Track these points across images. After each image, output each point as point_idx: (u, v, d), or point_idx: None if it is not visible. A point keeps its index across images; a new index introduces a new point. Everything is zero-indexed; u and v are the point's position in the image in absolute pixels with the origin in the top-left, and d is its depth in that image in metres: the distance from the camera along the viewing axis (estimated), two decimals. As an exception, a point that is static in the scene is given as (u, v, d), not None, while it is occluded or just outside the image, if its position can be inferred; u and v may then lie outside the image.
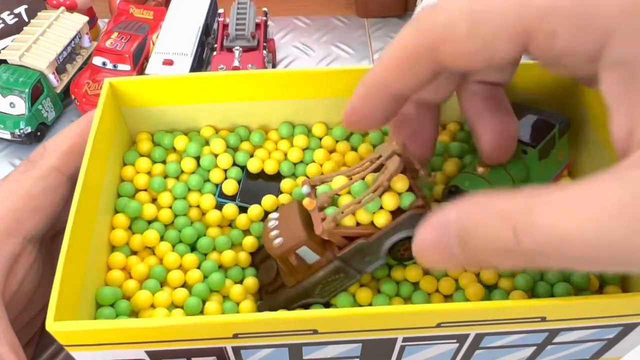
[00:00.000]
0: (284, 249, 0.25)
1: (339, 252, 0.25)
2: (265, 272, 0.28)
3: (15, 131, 0.44)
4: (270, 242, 0.26)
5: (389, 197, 0.25)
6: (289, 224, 0.26)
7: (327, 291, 0.27)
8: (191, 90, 0.31)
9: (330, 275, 0.26)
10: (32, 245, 0.30)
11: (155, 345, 0.23)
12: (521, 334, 0.25)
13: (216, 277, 0.28)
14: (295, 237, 0.25)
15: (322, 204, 0.25)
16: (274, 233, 0.26)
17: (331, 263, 0.25)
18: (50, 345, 0.35)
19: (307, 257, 0.26)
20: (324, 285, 0.26)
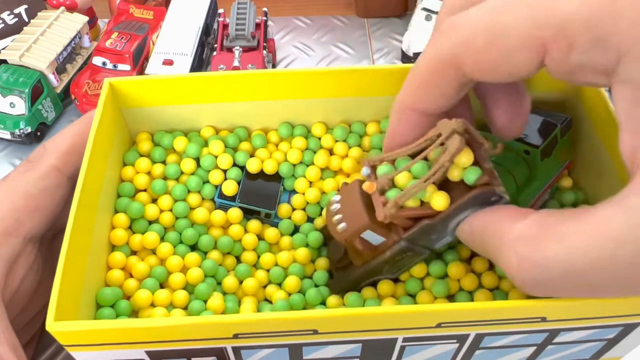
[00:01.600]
0: (348, 233, 0.25)
1: (404, 233, 0.25)
2: (334, 250, 0.28)
3: (15, 131, 0.44)
4: (334, 227, 0.26)
5: (454, 170, 0.23)
6: (351, 208, 0.26)
7: (397, 267, 0.26)
8: (191, 90, 0.31)
9: (397, 255, 0.25)
10: (32, 245, 0.30)
11: (155, 345, 0.23)
12: (521, 334, 0.25)
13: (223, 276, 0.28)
14: (358, 221, 0.25)
15: (382, 186, 0.24)
16: (337, 217, 0.26)
17: (397, 244, 0.25)
18: (50, 345, 0.35)
19: (372, 239, 0.25)
20: (392, 263, 0.26)
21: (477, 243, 0.23)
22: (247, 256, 0.31)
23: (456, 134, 0.23)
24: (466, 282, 0.28)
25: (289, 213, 0.32)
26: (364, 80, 0.31)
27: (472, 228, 0.23)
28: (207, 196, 0.32)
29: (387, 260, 0.26)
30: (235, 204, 0.31)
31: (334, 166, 0.33)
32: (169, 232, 0.30)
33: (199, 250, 0.30)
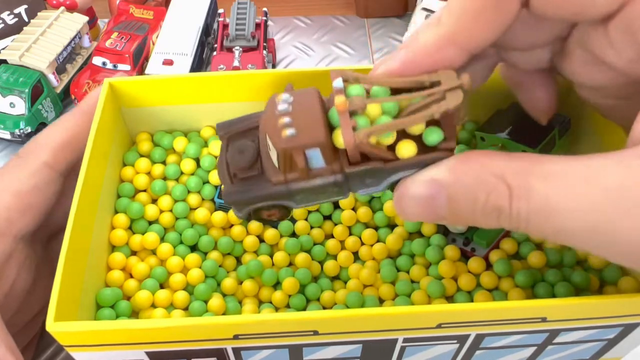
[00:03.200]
0: (294, 144, 0.21)
1: (349, 168, 0.22)
2: (238, 154, 0.23)
3: (15, 131, 0.44)
4: (278, 131, 0.21)
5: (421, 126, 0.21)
6: (306, 116, 0.22)
7: (308, 199, 0.23)
8: (191, 90, 0.31)
9: (325, 186, 0.22)
10: (24, 244, 0.30)
11: (155, 346, 0.23)
12: (522, 335, 0.25)
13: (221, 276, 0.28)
14: (313, 135, 0.21)
15: (355, 108, 0.21)
16: (286, 120, 0.21)
17: (333, 175, 0.22)
18: (50, 345, 0.35)
19: (314, 160, 0.22)
20: (310, 193, 0.23)
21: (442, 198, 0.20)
22: (247, 258, 0.31)
23: (461, 90, 0.21)
24: (463, 282, 0.28)
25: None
26: (364, 80, 0.31)
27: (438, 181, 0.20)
28: (207, 196, 0.32)
29: (312, 188, 0.22)
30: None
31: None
32: (169, 232, 0.30)
33: (198, 251, 0.30)
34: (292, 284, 0.29)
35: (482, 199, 0.19)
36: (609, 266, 0.28)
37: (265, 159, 0.23)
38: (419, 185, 0.20)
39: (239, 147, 0.23)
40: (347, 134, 0.20)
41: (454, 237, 0.30)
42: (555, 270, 0.28)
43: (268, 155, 0.23)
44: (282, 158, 0.21)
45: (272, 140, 0.21)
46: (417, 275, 0.29)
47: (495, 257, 0.29)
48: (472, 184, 0.19)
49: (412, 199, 0.21)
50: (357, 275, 0.29)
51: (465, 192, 0.19)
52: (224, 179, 0.24)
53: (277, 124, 0.21)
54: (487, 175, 0.19)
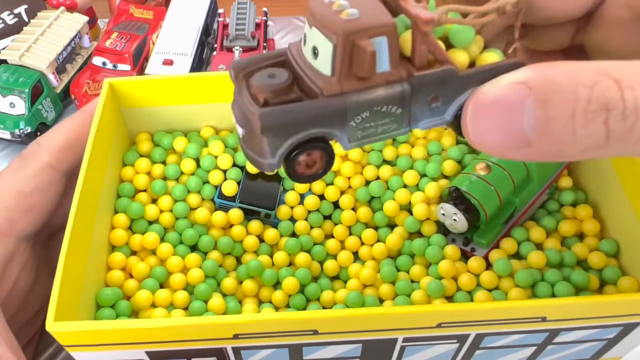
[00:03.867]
0: (359, 26, 0.17)
1: (417, 72, 0.18)
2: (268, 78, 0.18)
3: (15, 131, 0.44)
4: (334, 15, 0.17)
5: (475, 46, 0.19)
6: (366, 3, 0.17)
7: (364, 131, 0.18)
8: (191, 90, 0.31)
9: (388, 102, 0.18)
10: (26, 244, 0.30)
11: (155, 345, 0.23)
12: (521, 334, 0.25)
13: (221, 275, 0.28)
14: (381, 17, 0.17)
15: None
16: (344, 3, 0.17)
17: (399, 84, 0.18)
18: (50, 345, 0.35)
19: (381, 56, 0.17)
20: (370, 116, 0.18)
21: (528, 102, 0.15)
22: (247, 258, 0.31)
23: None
24: (463, 282, 0.28)
25: (288, 213, 0.32)
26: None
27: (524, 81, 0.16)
28: (207, 196, 0.32)
29: (373, 101, 0.18)
30: (235, 204, 0.31)
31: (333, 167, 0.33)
32: (169, 232, 0.30)
33: (198, 251, 0.30)
34: (292, 284, 0.29)
35: (584, 95, 0.15)
36: (609, 266, 0.28)
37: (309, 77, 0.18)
38: (499, 89, 0.16)
39: (267, 73, 0.18)
40: (421, 11, 0.17)
41: (454, 237, 0.30)
42: (555, 270, 0.28)
43: (311, 70, 0.18)
44: (341, 51, 0.17)
45: (327, 29, 0.17)
46: (417, 275, 0.29)
47: (495, 257, 0.29)
48: (568, 82, 0.15)
49: (489, 108, 0.16)
50: (357, 275, 0.29)
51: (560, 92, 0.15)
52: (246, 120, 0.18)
53: (331, 10, 0.17)
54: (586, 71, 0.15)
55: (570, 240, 0.30)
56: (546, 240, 0.30)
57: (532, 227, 0.30)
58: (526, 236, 0.30)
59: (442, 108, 0.19)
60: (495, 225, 0.30)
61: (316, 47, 0.17)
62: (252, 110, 0.17)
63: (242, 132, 0.19)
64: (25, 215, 0.29)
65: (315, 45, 0.17)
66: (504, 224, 0.30)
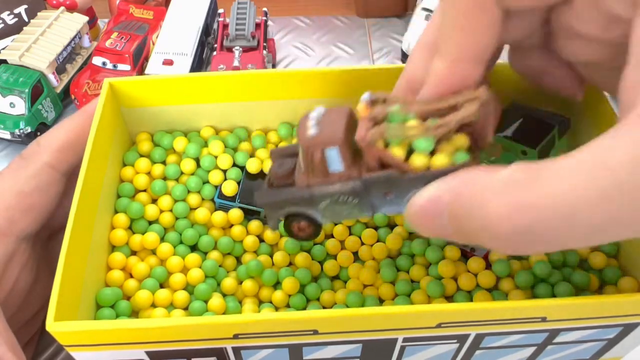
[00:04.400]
0: (314, 141, 0.23)
1: (366, 174, 0.23)
2: (277, 167, 0.26)
3: (15, 131, 0.44)
4: (304, 130, 0.23)
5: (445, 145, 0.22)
6: (331, 122, 0.24)
7: (332, 212, 0.24)
8: (191, 90, 0.31)
9: (344, 194, 0.23)
10: (26, 244, 0.30)
11: (155, 345, 0.23)
12: (521, 334, 0.25)
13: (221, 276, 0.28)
14: (332, 135, 0.23)
15: (376, 115, 0.22)
16: (312, 123, 0.24)
17: (352, 181, 0.23)
18: (50, 345, 0.35)
19: (333, 162, 0.23)
20: (333, 203, 0.24)
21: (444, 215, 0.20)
22: (247, 258, 0.31)
23: (477, 101, 0.21)
24: (463, 282, 0.28)
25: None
26: (364, 80, 0.31)
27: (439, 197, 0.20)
28: (207, 196, 0.32)
29: (332, 193, 0.23)
30: (235, 204, 0.31)
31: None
32: (169, 232, 0.30)
33: (198, 251, 0.30)
34: (292, 284, 0.29)
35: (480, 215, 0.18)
36: (609, 266, 0.28)
37: (298, 171, 0.25)
38: (422, 203, 0.20)
39: (279, 162, 0.26)
40: (361, 130, 0.22)
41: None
42: (555, 270, 0.28)
43: (300, 166, 0.24)
44: (304, 156, 0.23)
45: (299, 138, 0.23)
46: (417, 275, 0.29)
47: (495, 257, 0.29)
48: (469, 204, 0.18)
49: (419, 217, 0.20)
50: (357, 275, 0.29)
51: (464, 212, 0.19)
52: (263, 187, 0.26)
53: (305, 126, 0.24)
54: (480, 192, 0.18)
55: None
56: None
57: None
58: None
59: (397, 200, 0.23)
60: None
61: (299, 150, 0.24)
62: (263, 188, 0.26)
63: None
64: (25, 215, 0.29)
65: (299, 149, 0.24)
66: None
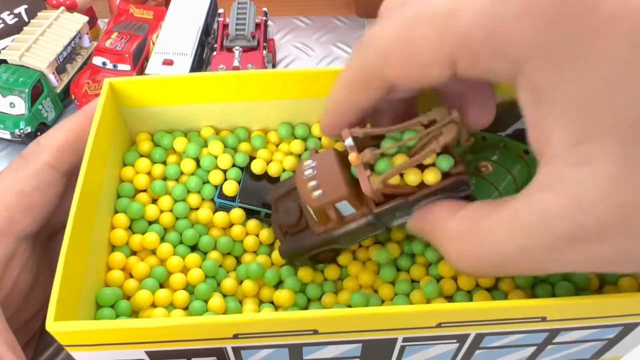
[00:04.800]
0: (323, 201, 0.25)
1: (376, 208, 0.25)
2: (285, 214, 0.28)
3: (15, 131, 0.44)
4: (308, 193, 0.25)
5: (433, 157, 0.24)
6: (328, 176, 0.25)
7: (353, 239, 0.27)
8: (191, 90, 0.31)
9: (361, 228, 0.26)
10: (26, 244, 0.30)
11: (155, 345, 0.23)
12: (521, 334, 0.25)
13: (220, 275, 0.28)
14: (337, 190, 0.25)
15: (368, 160, 0.24)
16: (313, 184, 0.25)
17: (365, 217, 0.25)
18: (50, 345, 0.35)
19: (344, 210, 0.25)
20: (352, 234, 0.26)
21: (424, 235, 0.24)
22: (247, 258, 0.31)
23: (453, 124, 0.23)
24: (463, 282, 0.28)
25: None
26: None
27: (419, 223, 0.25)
28: (207, 196, 0.32)
29: (349, 231, 0.26)
30: (236, 204, 0.31)
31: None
32: (169, 232, 0.30)
33: (198, 251, 0.30)
34: (293, 284, 0.29)
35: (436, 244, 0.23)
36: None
37: (307, 215, 0.27)
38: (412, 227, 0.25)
39: (285, 209, 0.28)
40: (364, 184, 0.23)
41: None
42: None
43: (308, 211, 0.27)
44: (317, 214, 0.26)
45: (307, 203, 0.26)
46: (417, 276, 0.29)
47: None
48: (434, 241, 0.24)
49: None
50: (356, 276, 0.29)
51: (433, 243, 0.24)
52: (279, 236, 0.29)
53: (307, 188, 0.26)
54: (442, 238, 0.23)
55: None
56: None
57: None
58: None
59: (404, 216, 0.25)
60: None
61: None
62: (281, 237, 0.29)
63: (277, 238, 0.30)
64: (25, 215, 0.29)
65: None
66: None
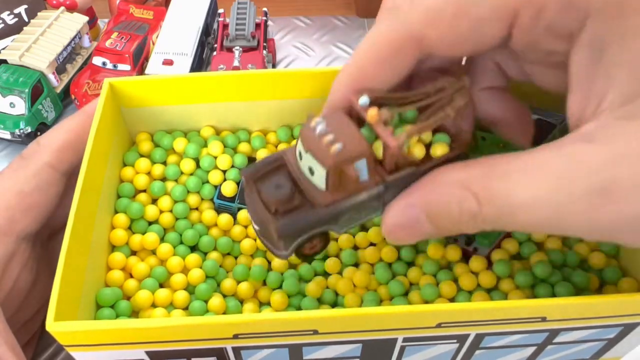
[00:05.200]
0: (344, 157, 0.21)
1: (389, 176, 0.22)
2: (275, 189, 0.23)
3: (15, 131, 0.44)
4: (325, 149, 0.21)
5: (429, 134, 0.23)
6: (344, 131, 0.22)
7: (350, 220, 0.24)
8: (191, 90, 0.31)
9: (367, 201, 0.23)
10: (26, 244, 0.30)
11: (155, 345, 0.23)
12: (521, 334, 0.25)
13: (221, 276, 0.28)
14: (359, 146, 0.22)
15: (386, 118, 0.22)
16: (330, 138, 0.22)
17: (377, 186, 0.23)
18: (50, 345, 0.35)
19: (361, 172, 0.22)
20: (354, 212, 0.23)
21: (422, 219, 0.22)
22: (242, 260, 0.31)
23: (464, 90, 0.22)
24: (465, 282, 0.28)
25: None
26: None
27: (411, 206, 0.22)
28: (207, 197, 0.32)
29: (358, 204, 0.23)
30: (235, 205, 0.31)
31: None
32: (169, 232, 0.30)
33: (198, 251, 0.30)
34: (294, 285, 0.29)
35: (456, 211, 0.20)
36: (609, 266, 0.28)
37: (307, 187, 0.23)
38: (399, 213, 0.22)
39: (274, 184, 0.23)
40: (389, 139, 0.22)
41: (456, 237, 0.30)
42: (556, 270, 0.28)
43: (308, 183, 0.23)
44: (332, 175, 0.22)
45: (321, 160, 0.22)
46: (415, 277, 0.29)
47: (497, 257, 0.29)
48: (444, 200, 0.21)
49: (397, 226, 0.22)
50: (351, 277, 0.29)
51: (440, 210, 0.21)
52: (260, 221, 0.23)
53: (322, 144, 0.22)
54: (454, 188, 0.20)
55: (571, 240, 0.30)
56: (547, 240, 0.30)
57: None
58: (527, 236, 0.30)
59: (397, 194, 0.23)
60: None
61: (312, 167, 0.22)
62: (268, 218, 0.22)
63: (257, 228, 0.24)
64: (26, 214, 0.29)
65: (311, 167, 0.22)
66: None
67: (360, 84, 0.23)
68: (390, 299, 0.29)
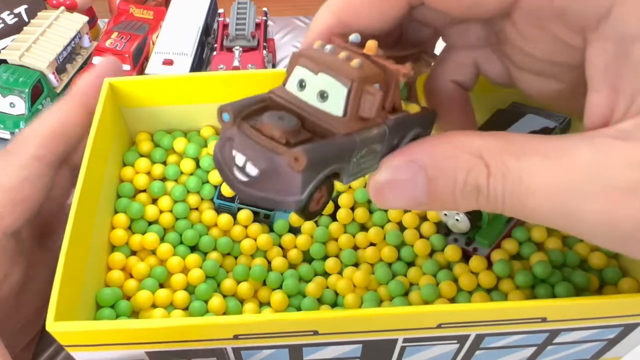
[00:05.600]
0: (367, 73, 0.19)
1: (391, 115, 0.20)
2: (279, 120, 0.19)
3: (15, 131, 0.44)
4: (343, 65, 0.19)
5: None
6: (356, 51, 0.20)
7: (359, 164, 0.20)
8: (191, 90, 0.31)
9: (375, 140, 0.20)
10: (15, 241, 0.29)
11: (155, 345, 0.23)
12: (522, 335, 0.25)
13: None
14: (373, 67, 0.20)
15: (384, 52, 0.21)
16: (345, 54, 0.19)
17: (384, 123, 0.20)
18: (50, 345, 0.35)
19: (369, 103, 0.19)
20: (365, 153, 0.20)
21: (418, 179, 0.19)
22: (242, 260, 0.31)
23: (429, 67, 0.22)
24: (465, 282, 0.28)
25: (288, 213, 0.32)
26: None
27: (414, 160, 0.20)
28: (207, 196, 0.32)
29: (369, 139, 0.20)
30: (235, 205, 0.31)
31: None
32: (169, 232, 0.30)
33: (198, 251, 0.30)
34: (294, 285, 0.29)
35: (461, 178, 0.18)
36: (609, 266, 0.28)
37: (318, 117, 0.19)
38: (395, 169, 0.19)
39: (276, 116, 0.19)
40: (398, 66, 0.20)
41: (456, 237, 0.30)
42: (556, 270, 0.28)
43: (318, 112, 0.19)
44: (355, 93, 0.19)
45: (344, 74, 0.19)
46: (415, 277, 0.29)
47: (497, 257, 0.29)
48: (451, 164, 0.18)
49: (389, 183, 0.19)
50: (350, 277, 0.29)
51: (444, 173, 0.19)
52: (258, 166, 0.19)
53: (339, 61, 0.19)
54: (465, 154, 0.18)
55: (571, 240, 0.30)
56: (547, 240, 0.30)
57: (533, 227, 0.30)
58: (527, 236, 0.30)
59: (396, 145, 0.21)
60: (497, 225, 0.30)
61: (325, 91, 0.19)
62: (278, 153, 0.18)
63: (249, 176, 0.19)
64: (12, 210, 0.28)
65: (324, 90, 0.19)
66: (506, 224, 0.30)
67: (344, 22, 0.21)
68: (390, 299, 0.29)
